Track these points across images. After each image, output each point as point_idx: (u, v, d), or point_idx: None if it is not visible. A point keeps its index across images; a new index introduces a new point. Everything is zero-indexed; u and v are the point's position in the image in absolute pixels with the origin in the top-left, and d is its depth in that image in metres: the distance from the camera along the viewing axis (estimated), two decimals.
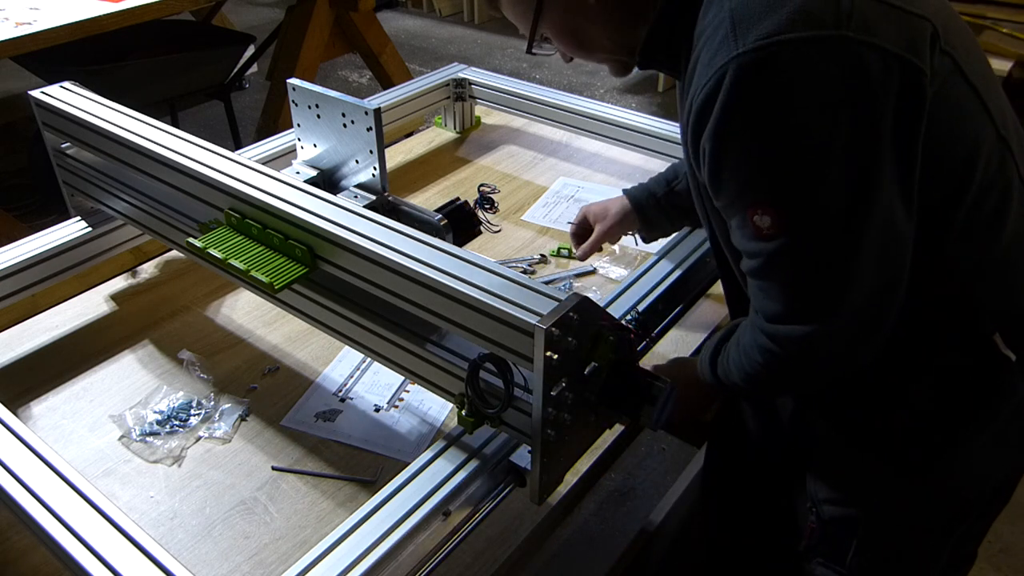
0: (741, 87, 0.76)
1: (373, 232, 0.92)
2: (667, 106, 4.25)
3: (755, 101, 0.76)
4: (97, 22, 2.10)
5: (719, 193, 0.85)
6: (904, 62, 0.76)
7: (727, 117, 0.78)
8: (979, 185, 0.84)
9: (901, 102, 0.76)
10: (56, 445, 1.07)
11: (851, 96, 0.75)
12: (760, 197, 0.80)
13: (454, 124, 1.94)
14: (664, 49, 0.92)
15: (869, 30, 0.75)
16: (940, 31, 0.80)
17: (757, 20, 0.75)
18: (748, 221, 0.82)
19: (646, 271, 1.25)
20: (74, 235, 1.28)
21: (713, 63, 0.78)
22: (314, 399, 1.16)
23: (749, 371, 0.93)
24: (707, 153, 0.81)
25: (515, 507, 0.98)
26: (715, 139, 0.80)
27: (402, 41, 5.20)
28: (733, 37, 0.76)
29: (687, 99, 0.85)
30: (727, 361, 0.98)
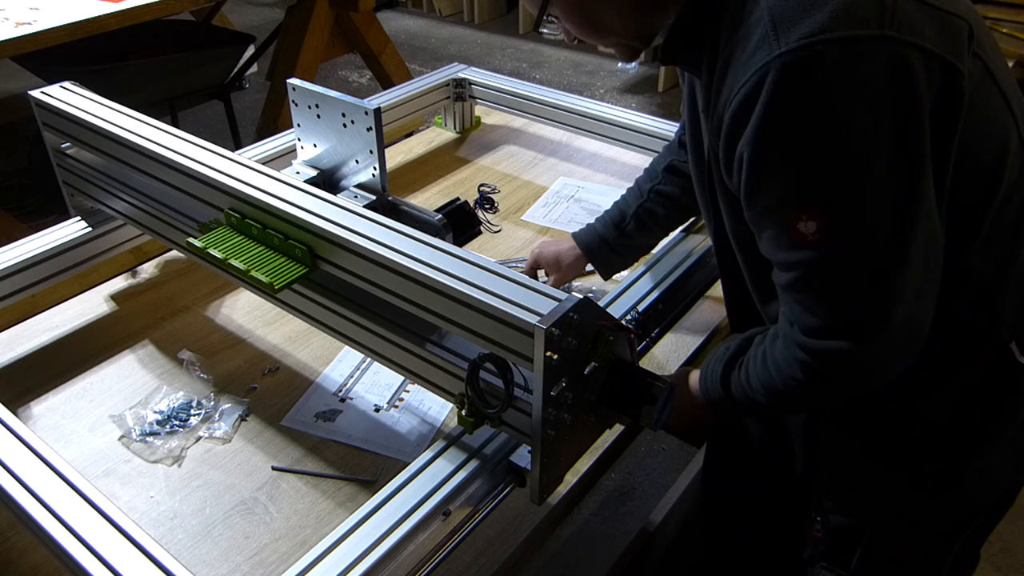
0: (785, 88, 0.72)
1: (373, 232, 0.92)
2: (667, 106, 4.25)
3: (801, 102, 0.73)
4: (97, 22, 2.10)
5: (755, 200, 0.80)
6: (945, 63, 0.74)
7: (770, 120, 0.74)
8: (1004, 192, 0.82)
9: (939, 104, 0.74)
10: (56, 445, 1.07)
11: (897, 97, 0.72)
12: (805, 202, 0.76)
13: (454, 124, 1.94)
14: (686, 44, 0.86)
15: (912, 29, 0.72)
16: (975, 32, 0.78)
17: (799, 18, 0.72)
18: (789, 229, 0.77)
19: (646, 271, 1.25)
20: (74, 235, 1.28)
21: (752, 63, 0.74)
22: (314, 399, 1.16)
23: (780, 387, 0.87)
24: (745, 158, 0.77)
25: (515, 507, 0.98)
26: (756, 143, 0.76)
27: (402, 41, 5.20)
28: (774, 35, 0.72)
29: (716, 100, 0.81)
30: (746, 377, 0.93)
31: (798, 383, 0.85)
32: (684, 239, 1.32)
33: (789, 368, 0.85)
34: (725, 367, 0.96)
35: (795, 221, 0.77)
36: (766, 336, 0.91)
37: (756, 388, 0.91)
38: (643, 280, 1.22)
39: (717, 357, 0.98)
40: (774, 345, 0.88)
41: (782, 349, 0.86)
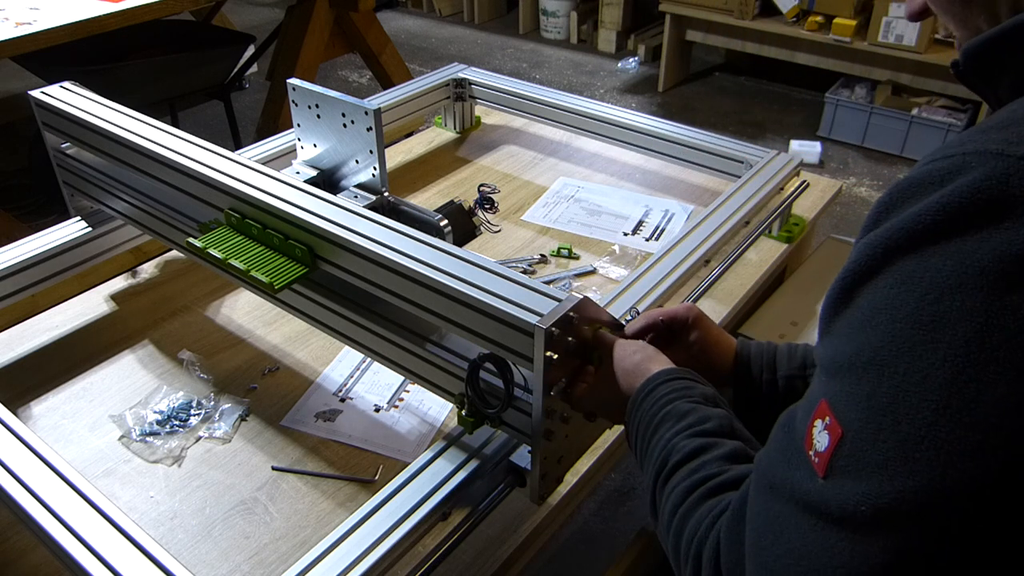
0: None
1: (373, 232, 0.92)
2: (667, 106, 4.25)
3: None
4: (97, 22, 2.10)
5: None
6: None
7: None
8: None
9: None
10: (56, 445, 1.07)
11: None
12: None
13: (454, 124, 1.94)
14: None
15: None
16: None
17: None
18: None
19: (646, 271, 1.24)
20: (74, 235, 1.28)
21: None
22: (314, 399, 1.16)
23: (668, 517, 0.63)
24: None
25: (515, 507, 0.98)
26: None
27: (402, 41, 5.20)
28: None
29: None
30: (658, 435, 0.69)
31: (680, 540, 0.61)
32: (684, 239, 1.32)
33: (697, 530, 0.60)
34: (672, 418, 0.70)
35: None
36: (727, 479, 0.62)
37: (655, 462, 0.68)
38: (643, 280, 1.22)
39: (678, 410, 0.70)
40: (714, 504, 0.60)
41: (720, 521, 0.58)
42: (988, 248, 0.43)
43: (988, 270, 0.42)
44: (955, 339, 0.43)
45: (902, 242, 0.46)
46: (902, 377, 0.45)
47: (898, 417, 0.45)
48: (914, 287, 0.45)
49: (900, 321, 0.45)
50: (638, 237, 1.54)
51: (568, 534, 1.92)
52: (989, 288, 0.42)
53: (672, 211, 1.62)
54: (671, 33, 4.21)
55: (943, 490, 0.43)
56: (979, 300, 0.42)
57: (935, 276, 0.44)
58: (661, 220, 1.59)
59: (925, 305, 0.44)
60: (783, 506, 0.50)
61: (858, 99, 3.65)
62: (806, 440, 0.50)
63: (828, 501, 0.47)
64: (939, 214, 0.44)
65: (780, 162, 1.50)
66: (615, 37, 4.91)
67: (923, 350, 0.44)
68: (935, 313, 0.44)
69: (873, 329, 0.47)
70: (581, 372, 0.83)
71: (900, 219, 0.46)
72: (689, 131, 1.60)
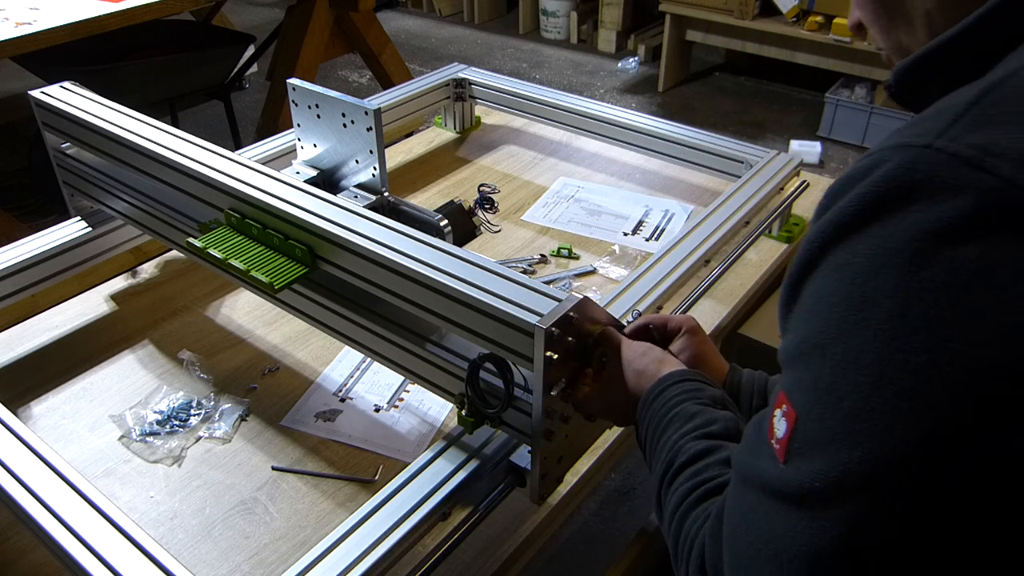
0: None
1: (373, 232, 0.92)
2: (667, 106, 4.25)
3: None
4: (97, 22, 2.10)
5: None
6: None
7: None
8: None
9: None
10: (56, 445, 1.07)
11: None
12: None
13: (454, 124, 1.94)
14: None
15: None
16: None
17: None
18: None
19: (646, 271, 1.24)
20: (74, 235, 1.28)
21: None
22: (314, 399, 1.16)
23: (670, 514, 0.65)
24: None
25: (515, 507, 0.98)
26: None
27: (402, 41, 5.20)
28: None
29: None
30: (666, 435, 0.70)
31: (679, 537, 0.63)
32: (684, 239, 1.32)
33: (691, 531, 0.62)
34: (681, 419, 0.71)
35: None
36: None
37: (663, 462, 0.69)
38: (643, 280, 1.22)
39: (686, 412, 0.71)
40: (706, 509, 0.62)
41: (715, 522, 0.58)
42: (902, 229, 0.46)
43: (903, 249, 0.46)
44: (881, 315, 0.46)
45: (833, 234, 0.50)
46: (840, 357, 0.48)
47: (840, 394, 0.48)
48: (845, 273, 0.49)
49: (835, 306, 0.49)
50: (638, 237, 1.54)
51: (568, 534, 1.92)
52: (905, 265, 0.46)
53: (672, 211, 1.62)
54: (671, 33, 4.21)
55: (885, 456, 0.46)
56: (898, 277, 0.46)
57: (861, 260, 0.48)
58: (661, 220, 1.59)
59: (854, 288, 0.48)
60: (752, 495, 0.53)
61: (858, 99, 3.65)
62: (769, 430, 0.53)
63: (788, 483, 0.50)
64: (860, 204, 0.49)
65: (780, 162, 1.50)
66: (615, 37, 4.91)
67: (856, 329, 0.47)
68: (863, 294, 0.47)
69: (815, 317, 0.50)
70: (580, 375, 0.83)
71: (831, 213, 0.51)
72: (689, 131, 1.60)
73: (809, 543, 0.48)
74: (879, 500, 0.46)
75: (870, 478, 0.46)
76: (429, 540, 0.87)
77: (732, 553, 0.53)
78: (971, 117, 0.47)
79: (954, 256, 0.45)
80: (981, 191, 0.44)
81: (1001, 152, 0.45)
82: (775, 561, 0.49)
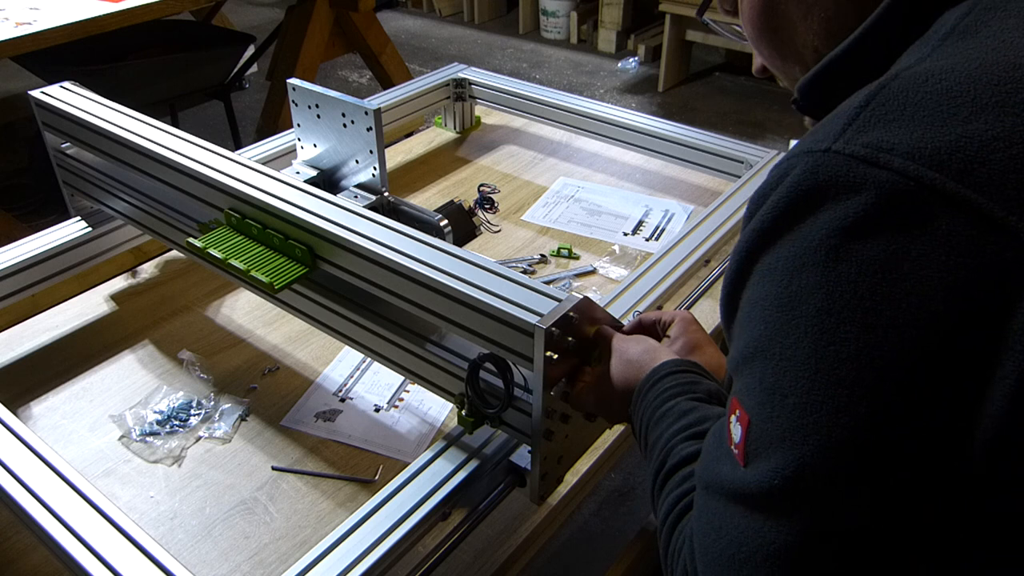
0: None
1: (373, 232, 0.92)
2: (667, 106, 4.25)
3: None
4: (97, 22, 2.10)
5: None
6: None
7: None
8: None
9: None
10: (56, 445, 1.07)
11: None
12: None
13: (454, 124, 1.94)
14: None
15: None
16: None
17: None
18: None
19: (646, 271, 1.24)
20: (74, 235, 1.28)
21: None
22: (314, 399, 1.16)
23: (664, 507, 0.64)
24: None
25: (515, 507, 0.98)
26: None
27: (402, 41, 5.20)
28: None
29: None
30: (658, 430, 0.70)
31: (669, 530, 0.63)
32: (684, 239, 1.32)
33: (679, 542, 0.60)
34: (672, 416, 0.71)
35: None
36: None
37: (655, 460, 0.69)
38: (643, 280, 1.22)
39: (680, 408, 0.71)
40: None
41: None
42: (816, 229, 0.49)
43: (819, 247, 0.49)
44: (808, 312, 0.49)
45: (757, 243, 0.53)
46: (779, 356, 0.50)
47: (784, 392, 0.49)
48: (772, 277, 0.51)
49: (768, 309, 0.51)
50: (638, 237, 1.54)
51: (568, 534, 1.92)
52: (823, 262, 0.48)
53: (672, 211, 1.62)
54: (671, 33, 4.21)
55: (835, 445, 0.47)
56: (818, 274, 0.49)
57: (785, 263, 0.51)
58: (661, 220, 1.59)
59: (781, 289, 0.50)
60: (717, 502, 0.54)
61: None
62: (728, 437, 0.54)
63: (750, 484, 0.50)
64: (776, 211, 0.51)
65: None
66: (615, 37, 4.91)
67: (788, 328, 0.50)
68: (790, 294, 0.50)
69: (752, 323, 0.53)
70: (579, 372, 0.83)
71: (753, 223, 0.53)
72: (689, 131, 1.60)
73: (780, 542, 0.48)
74: (838, 489, 0.47)
75: (826, 469, 0.47)
76: (429, 540, 0.87)
77: (705, 564, 0.53)
78: (863, 119, 0.50)
79: (863, 249, 0.47)
80: (878, 185, 0.47)
81: (891, 147, 0.48)
82: (749, 564, 0.50)
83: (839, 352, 0.47)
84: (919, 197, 0.47)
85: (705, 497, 0.56)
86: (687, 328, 0.87)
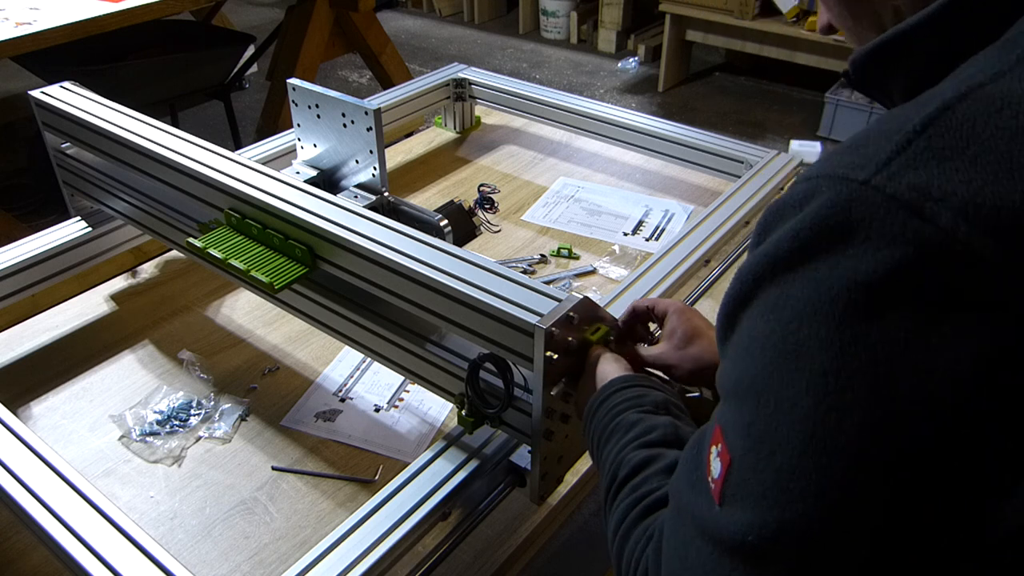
0: None
1: (373, 232, 0.92)
2: (667, 106, 4.25)
3: None
4: (97, 22, 2.10)
5: None
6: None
7: None
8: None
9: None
10: (56, 445, 1.07)
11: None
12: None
13: (454, 124, 1.94)
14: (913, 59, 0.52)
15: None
16: None
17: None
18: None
19: (646, 271, 1.24)
20: (74, 235, 1.28)
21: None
22: (314, 399, 1.16)
23: (615, 522, 0.63)
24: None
25: (515, 507, 0.98)
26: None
27: (402, 41, 5.20)
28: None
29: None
30: (608, 446, 0.69)
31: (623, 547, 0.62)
32: (684, 238, 1.32)
33: (634, 553, 0.60)
34: (624, 432, 0.68)
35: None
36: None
37: (606, 475, 0.68)
38: (643, 280, 1.22)
39: (627, 421, 0.70)
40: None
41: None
42: (836, 276, 0.43)
43: (837, 299, 0.43)
44: (814, 368, 0.43)
45: (766, 270, 0.47)
46: (773, 407, 0.45)
47: (772, 447, 0.45)
48: (779, 316, 0.46)
49: (769, 350, 0.46)
50: (638, 237, 1.54)
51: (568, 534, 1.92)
52: (839, 317, 0.43)
53: (672, 211, 1.62)
54: (671, 33, 4.21)
55: (818, 520, 0.43)
56: (832, 329, 0.43)
57: (794, 304, 0.45)
58: (661, 220, 1.59)
59: (787, 334, 0.45)
60: (688, 530, 0.51)
61: (858, 99, 3.65)
62: (707, 465, 0.51)
63: (722, 529, 0.47)
64: (793, 242, 0.45)
65: (780, 162, 1.50)
66: (615, 37, 4.92)
67: (789, 379, 0.45)
68: (796, 342, 0.44)
69: (750, 358, 0.48)
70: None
71: (765, 246, 0.47)
72: (689, 131, 1.60)
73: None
74: (818, 559, 0.44)
75: (807, 539, 0.44)
76: (429, 540, 0.87)
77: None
78: (915, 150, 0.43)
79: (888, 313, 0.42)
80: (919, 242, 0.41)
81: (942, 197, 0.41)
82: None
83: (841, 421, 0.43)
84: (965, 267, 0.40)
85: (677, 520, 0.53)
86: (682, 318, 0.85)
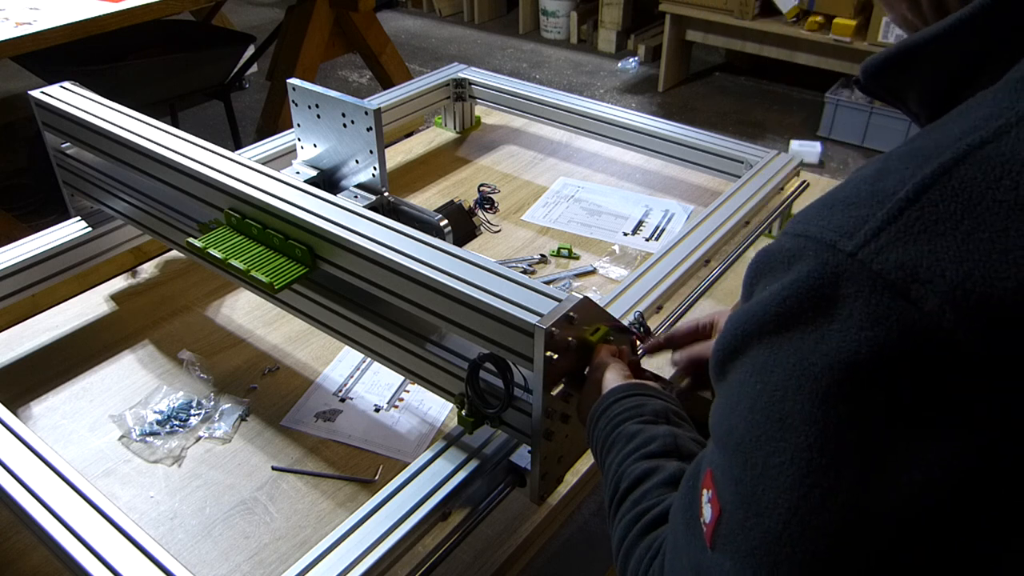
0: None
1: (373, 232, 0.92)
2: (667, 106, 4.25)
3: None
4: (97, 22, 2.10)
5: None
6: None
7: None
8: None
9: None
10: (56, 445, 1.07)
11: None
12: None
13: (454, 124, 1.94)
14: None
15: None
16: None
17: None
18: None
19: (646, 271, 1.24)
20: (74, 235, 1.28)
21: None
22: (314, 399, 1.16)
23: (622, 529, 0.64)
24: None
25: (515, 507, 0.98)
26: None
27: (402, 41, 5.20)
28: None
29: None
30: (610, 457, 0.69)
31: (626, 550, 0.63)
32: (684, 239, 1.32)
33: (637, 571, 0.61)
34: (625, 444, 0.69)
35: None
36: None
37: (609, 485, 0.69)
38: (643, 280, 1.22)
39: (627, 432, 0.70)
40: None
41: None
42: (821, 352, 0.43)
43: (822, 376, 0.43)
44: (799, 442, 0.43)
45: (755, 329, 0.47)
46: (760, 470, 0.45)
47: (760, 510, 0.45)
48: (766, 381, 0.46)
49: (757, 413, 0.46)
50: (638, 237, 1.54)
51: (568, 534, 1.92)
52: (823, 395, 0.42)
53: (672, 211, 1.62)
54: (671, 33, 4.21)
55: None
56: (816, 406, 0.43)
57: (780, 374, 0.45)
58: (661, 220, 1.59)
59: (774, 403, 0.45)
60: (684, 565, 0.51)
61: (858, 99, 3.65)
62: (700, 507, 0.51)
63: (715, 573, 0.48)
64: (781, 306, 0.45)
65: (780, 162, 1.50)
66: (615, 37, 4.92)
67: (775, 447, 0.45)
68: (782, 412, 0.44)
69: (739, 414, 0.47)
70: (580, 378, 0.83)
71: (754, 302, 0.47)
72: (689, 131, 1.60)
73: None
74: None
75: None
76: (429, 540, 0.87)
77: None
78: (907, 220, 0.41)
79: (871, 396, 0.41)
80: (903, 327, 0.40)
81: (930, 279, 0.40)
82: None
83: (825, 500, 0.43)
84: (949, 358, 0.39)
85: (675, 553, 0.53)
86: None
